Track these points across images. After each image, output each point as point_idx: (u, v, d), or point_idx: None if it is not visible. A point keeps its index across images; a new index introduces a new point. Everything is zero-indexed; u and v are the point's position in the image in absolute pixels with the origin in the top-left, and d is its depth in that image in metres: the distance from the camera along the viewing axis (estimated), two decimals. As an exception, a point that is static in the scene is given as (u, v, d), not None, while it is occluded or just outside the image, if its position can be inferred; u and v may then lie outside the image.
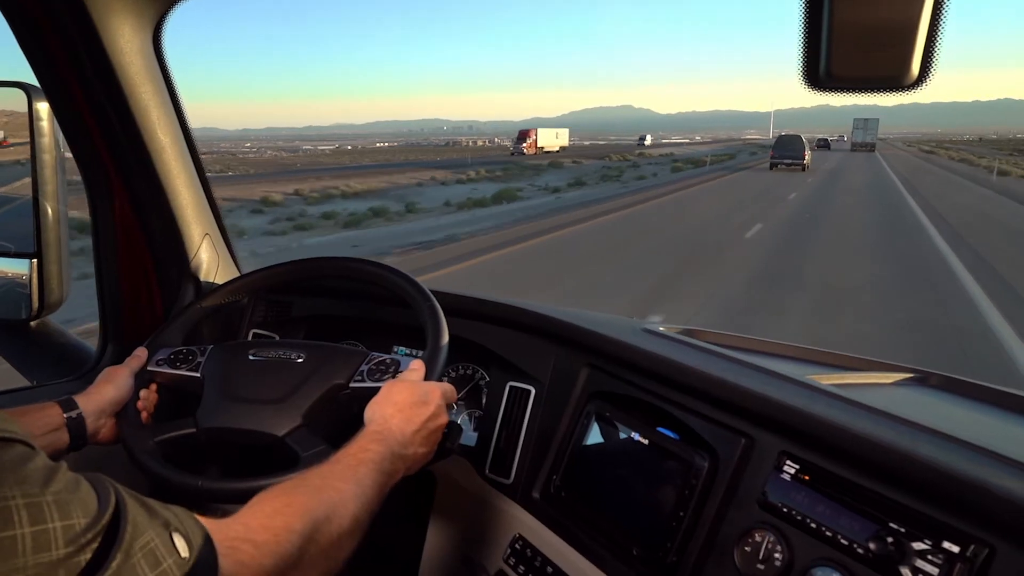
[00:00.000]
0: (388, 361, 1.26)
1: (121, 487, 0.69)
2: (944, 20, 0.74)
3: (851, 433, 0.91)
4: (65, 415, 1.18)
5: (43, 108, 1.57)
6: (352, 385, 1.24)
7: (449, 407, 1.21)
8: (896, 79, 0.76)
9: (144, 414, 1.29)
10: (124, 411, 1.26)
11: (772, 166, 38.48)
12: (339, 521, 0.88)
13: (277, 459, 1.17)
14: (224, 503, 1.34)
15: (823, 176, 34.26)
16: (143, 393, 1.30)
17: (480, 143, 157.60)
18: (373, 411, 1.10)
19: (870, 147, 73.50)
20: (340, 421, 1.22)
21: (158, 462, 1.17)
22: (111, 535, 0.63)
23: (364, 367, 1.26)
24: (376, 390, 1.16)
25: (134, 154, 1.54)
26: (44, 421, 1.16)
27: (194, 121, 1.72)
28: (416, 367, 1.21)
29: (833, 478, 0.93)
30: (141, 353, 1.35)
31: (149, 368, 1.33)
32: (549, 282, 8.38)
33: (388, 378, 1.22)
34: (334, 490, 0.91)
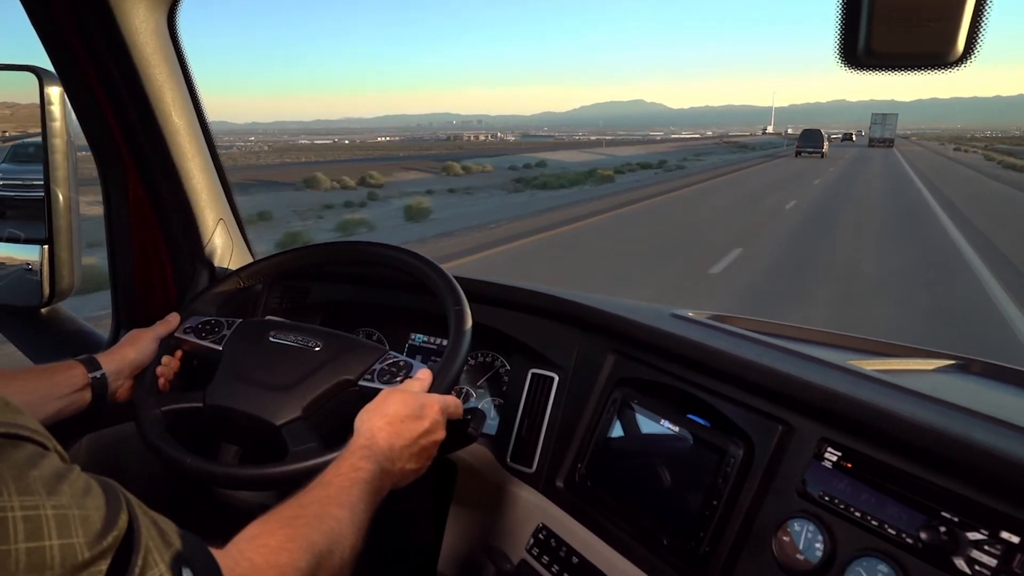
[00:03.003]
0: (401, 363, 1.22)
1: (136, 504, 0.65)
2: None
3: (900, 418, 0.87)
4: (89, 375, 1.21)
5: (54, 92, 1.54)
6: (360, 383, 1.21)
7: (463, 413, 1.17)
8: (940, 56, 0.71)
9: (162, 380, 1.29)
10: (143, 374, 1.28)
11: (797, 153, 48.94)
12: (340, 553, 0.85)
13: (269, 447, 1.16)
14: (207, 484, 1.33)
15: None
16: (165, 359, 1.31)
17: (483, 137, 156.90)
18: (362, 421, 1.05)
19: (889, 143, 72.96)
20: (339, 418, 1.18)
21: (157, 431, 1.18)
22: (122, 560, 0.59)
23: (377, 365, 1.22)
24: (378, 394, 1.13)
25: (148, 137, 1.51)
26: (70, 381, 1.19)
27: None
28: (421, 377, 1.15)
29: (879, 466, 0.89)
30: (172, 319, 1.36)
31: (176, 335, 1.34)
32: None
33: (396, 382, 1.18)
34: (333, 519, 0.87)
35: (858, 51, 0.74)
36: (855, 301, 7.90)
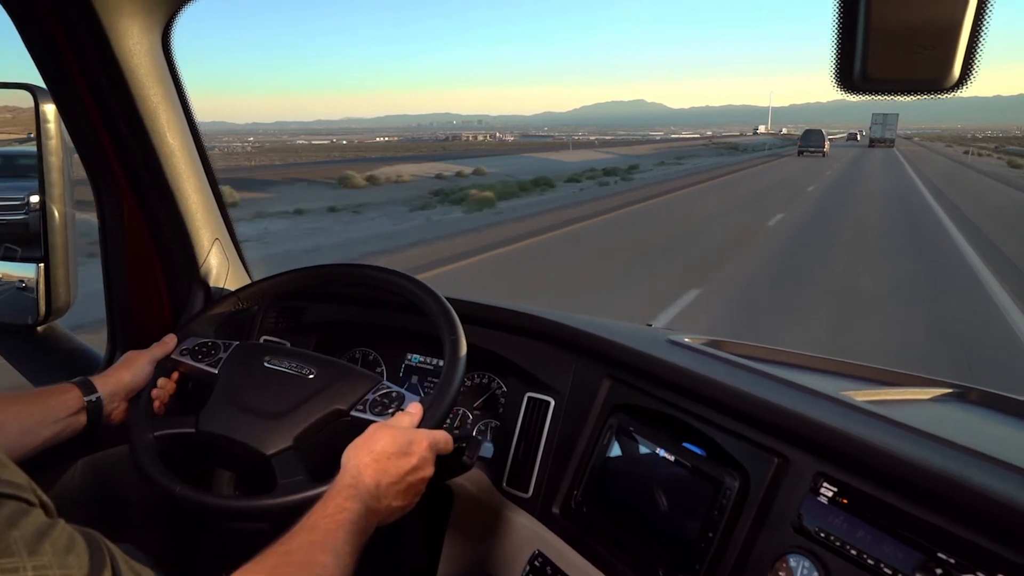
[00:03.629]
0: (394, 395, 1.21)
1: (121, 559, 0.65)
2: (989, 18, 0.69)
3: (895, 456, 0.86)
4: (85, 399, 1.20)
5: (50, 110, 1.54)
6: (353, 414, 1.20)
7: (459, 441, 1.16)
8: (936, 81, 0.70)
9: (157, 403, 1.29)
10: (137, 397, 1.27)
11: (799, 153, 50.53)
12: None
13: (258, 477, 1.16)
14: (194, 514, 1.33)
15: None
16: (161, 382, 1.30)
17: (481, 137, 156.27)
18: (349, 457, 1.04)
19: (889, 143, 73.01)
20: (330, 449, 1.16)
21: (149, 457, 1.18)
22: None
23: (370, 396, 1.21)
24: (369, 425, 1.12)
25: (142, 158, 1.51)
26: (65, 404, 1.19)
27: (203, 115, 1.67)
28: (412, 411, 1.14)
29: (875, 502, 0.88)
30: (169, 340, 1.35)
31: (173, 357, 1.33)
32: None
33: (388, 415, 1.17)
34: (319, 565, 0.86)
35: (854, 76, 0.73)
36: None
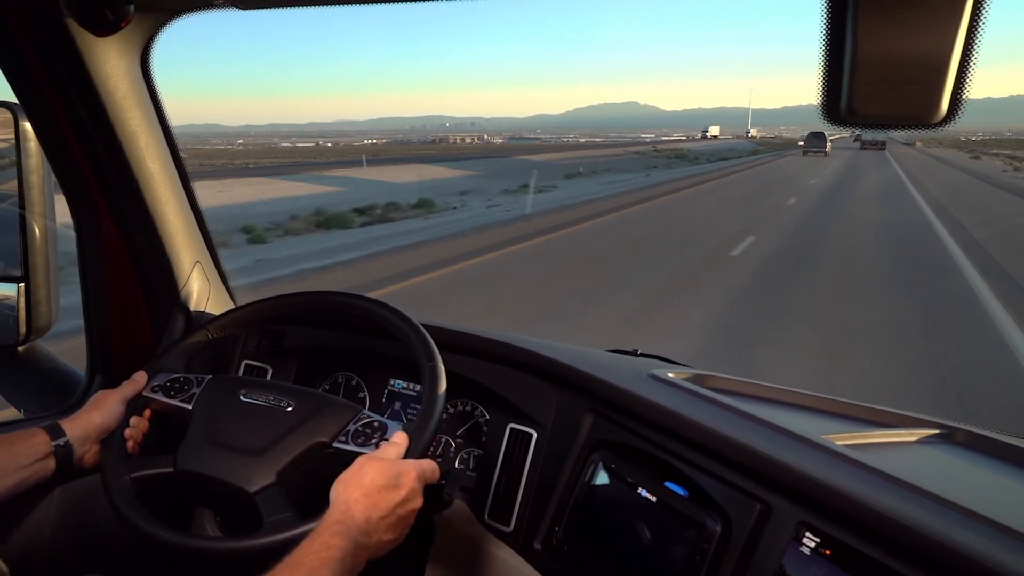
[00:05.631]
0: (376, 424, 1.20)
1: None
2: (976, 55, 0.68)
3: (875, 510, 0.84)
4: (52, 443, 1.17)
5: (30, 128, 1.51)
6: (335, 445, 1.18)
7: (440, 478, 1.15)
8: (922, 117, 0.69)
9: (131, 443, 1.25)
10: (110, 439, 1.24)
11: (804, 152, 53.17)
12: None
13: (243, 516, 1.13)
14: (178, 558, 1.32)
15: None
16: (133, 421, 1.27)
17: (469, 140, 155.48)
18: (338, 492, 1.03)
19: (881, 145, 73.31)
20: (314, 481, 1.16)
21: (127, 501, 1.15)
22: None
23: (352, 427, 1.20)
24: (356, 456, 1.10)
25: (121, 182, 1.49)
26: (32, 450, 1.16)
27: (196, 118, 1.62)
28: (397, 441, 1.13)
29: (857, 555, 0.87)
30: (139, 378, 1.32)
31: (144, 394, 1.30)
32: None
33: (372, 445, 1.16)
34: None
35: (840, 109, 0.72)
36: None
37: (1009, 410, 4.83)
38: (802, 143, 57.27)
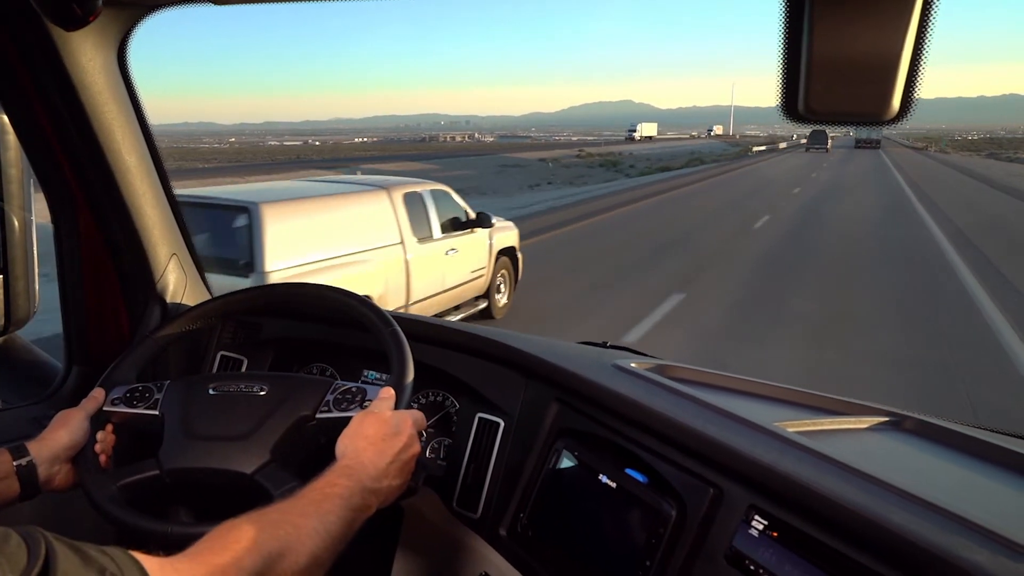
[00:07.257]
0: (354, 389, 1.23)
1: (53, 536, 0.66)
2: (926, 55, 0.70)
3: (819, 494, 0.88)
4: (15, 463, 1.11)
5: (7, 121, 1.53)
6: (319, 416, 1.21)
7: (420, 435, 1.18)
8: (876, 114, 0.72)
9: (103, 457, 1.22)
10: (81, 455, 1.20)
11: (807, 149, 56.51)
12: (294, 558, 0.85)
13: (248, 498, 1.12)
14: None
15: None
16: (100, 435, 1.23)
17: (459, 138, 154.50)
18: (344, 445, 1.07)
19: (875, 143, 73.92)
20: (310, 454, 1.19)
21: (123, 508, 1.13)
22: None
23: (330, 396, 1.23)
24: (343, 420, 1.14)
25: (98, 174, 1.50)
26: None
27: (192, 116, 1.63)
28: (386, 396, 1.18)
29: (802, 536, 0.90)
30: (98, 394, 1.28)
31: (105, 408, 1.27)
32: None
33: (356, 407, 1.19)
34: (291, 525, 0.88)
35: (798, 107, 0.75)
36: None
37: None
38: (764, 145, 62.79)
